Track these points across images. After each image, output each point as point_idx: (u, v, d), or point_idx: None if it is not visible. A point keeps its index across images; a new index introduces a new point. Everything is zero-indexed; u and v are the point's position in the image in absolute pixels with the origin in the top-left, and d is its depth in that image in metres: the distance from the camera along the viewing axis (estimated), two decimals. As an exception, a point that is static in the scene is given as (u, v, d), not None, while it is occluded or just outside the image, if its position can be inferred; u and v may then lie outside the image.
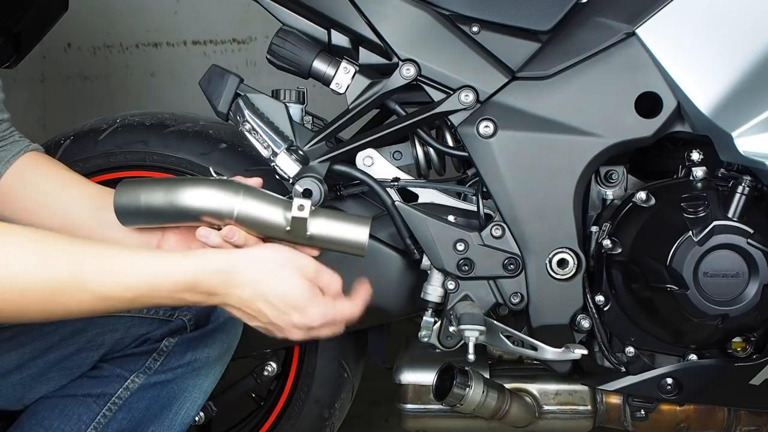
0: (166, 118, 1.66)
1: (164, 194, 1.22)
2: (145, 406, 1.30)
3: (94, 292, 1.06)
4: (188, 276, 1.09)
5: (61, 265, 1.05)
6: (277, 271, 1.13)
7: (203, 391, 1.36)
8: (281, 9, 1.49)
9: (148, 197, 1.22)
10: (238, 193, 1.21)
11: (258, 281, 1.11)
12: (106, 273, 1.06)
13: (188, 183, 1.23)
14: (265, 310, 1.12)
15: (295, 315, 1.12)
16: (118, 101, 3.01)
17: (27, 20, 1.56)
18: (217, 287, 1.10)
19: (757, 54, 1.35)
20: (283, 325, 1.13)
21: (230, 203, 1.21)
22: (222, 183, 1.23)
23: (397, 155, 1.55)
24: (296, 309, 1.12)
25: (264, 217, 1.22)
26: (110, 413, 1.28)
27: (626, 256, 1.42)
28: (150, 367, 1.29)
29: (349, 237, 1.26)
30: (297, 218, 1.21)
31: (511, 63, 1.45)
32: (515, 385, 1.54)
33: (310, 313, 1.12)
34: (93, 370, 1.31)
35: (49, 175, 1.30)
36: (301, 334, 1.14)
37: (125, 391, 1.29)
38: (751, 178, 1.37)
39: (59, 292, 1.04)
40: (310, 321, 1.13)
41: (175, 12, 3.02)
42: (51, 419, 1.28)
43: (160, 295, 1.09)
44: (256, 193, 1.23)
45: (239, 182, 1.24)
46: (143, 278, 1.08)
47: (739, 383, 1.44)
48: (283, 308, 1.12)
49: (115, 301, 1.07)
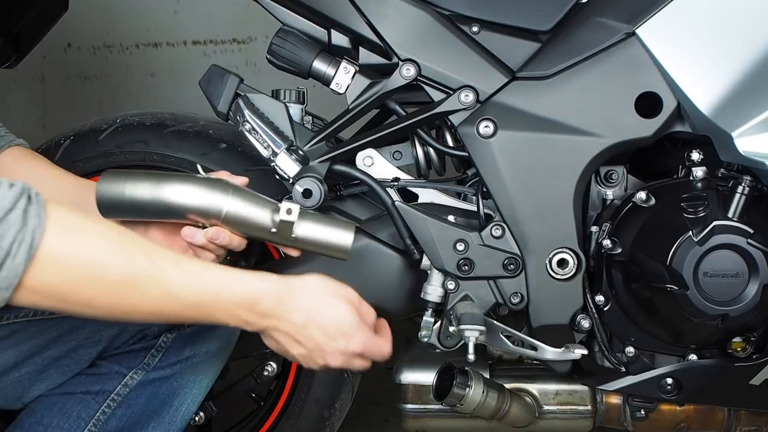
0: (166, 118, 1.66)
1: (150, 189, 1.21)
2: (144, 402, 1.30)
3: (165, 290, 1.06)
4: (253, 292, 1.12)
5: (139, 257, 1.05)
6: (330, 299, 1.18)
7: (203, 387, 1.36)
8: (281, 9, 1.49)
9: (134, 190, 1.20)
10: (227, 193, 1.21)
11: (312, 307, 1.16)
12: (181, 272, 1.08)
13: (176, 179, 1.22)
14: (314, 335, 1.16)
15: (341, 341, 1.17)
16: (118, 101, 3.01)
17: (27, 20, 1.56)
18: (274, 309, 1.14)
19: (757, 54, 1.35)
20: (328, 350, 1.17)
21: (219, 203, 1.20)
22: (211, 182, 1.22)
23: (397, 155, 1.55)
24: (344, 335, 1.17)
25: (251, 218, 1.22)
26: (109, 410, 1.28)
27: (626, 256, 1.42)
28: (149, 363, 1.29)
29: (334, 241, 1.27)
30: (284, 221, 1.21)
31: (511, 63, 1.44)
32: (515, 385, 1.54)
33: (355, 340, 1.18)
34: (91, 368, 1.31)
35: (30, 168, 1.32)
36: (341, 360, 1.19)
37: (124, 388, 1.29)
38: (751, 178, 1.37)
39: (134, 283, 1.04)
40: (354, 347, 1.18)
41: (175, 12, 3.02)
42: (50, 417, 1.28)
43: (220, 307, 1.11)
44: (244, 194, 1.23)
45: (228, 182, 1.24)
46: (212, 285, 1.10)
47: (739, 383, 1.44)
48: (332, 333, 1.17)
49: (181, 303, 1.08)
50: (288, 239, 1.25)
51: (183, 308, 1.09)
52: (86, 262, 1.02)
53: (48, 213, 0.99)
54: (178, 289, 1.07)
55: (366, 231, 1.50)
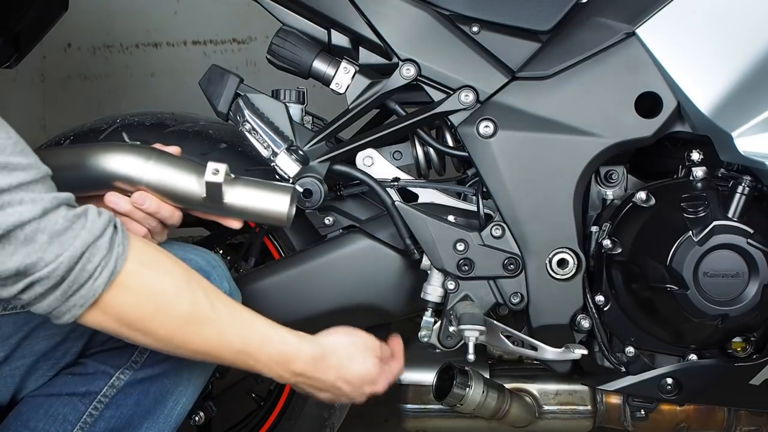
0: (166, 118, 1.66)
1: (73, 160, 1.19)
2: (134, 402, 1.28)
3: (218, 333, 1.15)
4: (290, 350, 1.21)
5: (202, 297, 1.14)
6: (357, 355, 1.28)
7: (197, 385, 1.34)
8: (281, 9, 1.49)
9: (57, 165, 1.16)
10: (150, 157, 1.19)
11: (342, 366, 1.26)
12: (233, 319, 1.17)
13: (97, 148, 1.19)
14: (344, 388, 1.27)
15: (368, 388, 1.30)
16: (118, 101, 3.01)
17: (27, 20, 1.56)
18: (306, 371, 1.23)
19: (758, 54, 1.34)
20: (355, 396, 1.30)
21: (139, 169, 1.18)
22: (132, 148, 1.20)
23: (397, 155, 1.55)
24: (370, 383, 1.30)
25: (177, 184, 1.19)
26: (96, 412, 1.26)
27: (626, 256, 1.42)
28: (136, 361, 1.27)
29: (270, 206, 1.23)
30: (211, 183, 1.18)
31: (511, 63, 1.44)
32: (515, 385, 1.54)
33: (379, 385, 1.32)
34: (77, 367, 1.28)
35: None
36: (364, 399, 1.32)
37: (111, 389, 1.27)
38: (751, 178, 1.37)
39: (193, 320, 1.13)
40: (379, 389, 1.32)
41: (175, 12, 3.02)
42: (36, 420, 1.26)
43: (259, 358, 1.19)
44: (168, 158, 1.19)
45: (151, 147, 1.23)
46: (257, 336, 1.19)
47: (739, 383, 1.44)
48: (358, 385, 1.28)
49: (227, 347, 1.17)
50: (220, 205, 1.21)
51: (227, 352, 1.17)
52: (156, 295, 1.11)
53: (131, 244, 1.09)
54: (229, 332, 1.16)
55: (366, 231, 1.50)
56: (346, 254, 1.50)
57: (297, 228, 1.59)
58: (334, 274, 1.50)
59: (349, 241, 1.50)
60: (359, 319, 1.53)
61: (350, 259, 1.50)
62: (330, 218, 1.52)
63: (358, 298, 1.51)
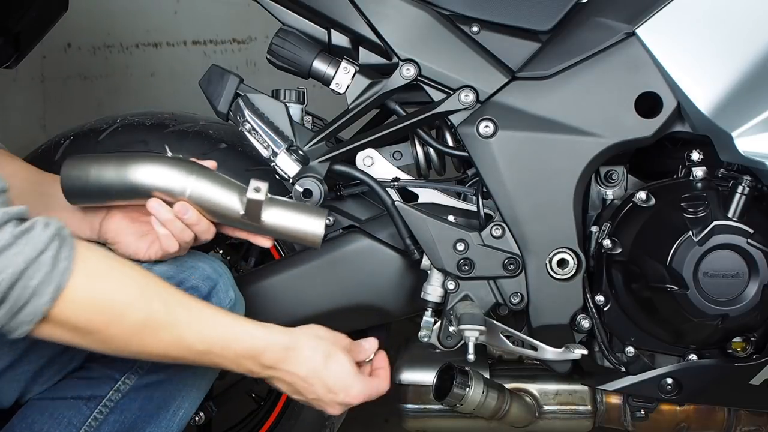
0: (166, 118, 1.66)
1: (115, 169, 1.20)
2: (138, 407, 1.28)
3: (176, 337, 1.13)
4: (259, 344, 1.18)
5: (157, 303, 1.13)
6: (333, 352, 1.22)
7: (201, 390, 1.35)
8: (281, 9, 1.49)
9: (99, 173, 1.19)
10: (192, 172, 1.19)
11: (315, 360, 1.21)
12: (192, 322, 1.15)
13: (140, 159, 1.20)
14: (316, 387, 1.22)
15: (341, 394, 1.23)
16: (118, 101, 3.00)
17: (27, 20, 1.56)
18: (277, 362, 1.19)
19: (758, 54, 1.34)
20: (328, 401, 1.23)
21: (183, 182, 1.19)
22: (175, 161, 1.21)
23: (397, 155, 1.55)
24: (344, 389, 1.23)
25: (218, 200, 1.21)
26: (101, 416, 1.27)
27: (626, 256, 1.42)
28: (141, 366, 1.27)
29: (305, 228, 1.25)
30: (252, 200, 1.20)
31: (511, 63, 1.44)
32: (515, 385, 1.54)
33: (353, 393, 1.23)
34: (82, 371, 1.29)
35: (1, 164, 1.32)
36: (339, 409, 1.25)
37: (116, 393, 1.27)
38: (751, 178, 1.37)
39: (149, 327, 1.12)
40: (353, 400, 1.24)
41: (175, 12, 3.01)
42: (41, 423, 1.26)
43: (225, 356, 1.17)
44: (210, 174, 1.21)
45: (193, 162, 1.23)
46: (221, 336, 1.16)
47: (739, 383, 1.44)
48: (332, 387, 1.22)
49: (187, 351, 1.15)
50: (257, 222, 1.23)
51: (188, 353, 1.15)
52: (106, 306, 1.09)
53: (77, 256, 1.06)
54: (188, 335, 1.14)
55: (366, 231, 1.50)
56: (346, 254, 1.50)
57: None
58: (334, 274, 1.50)
59: (349, 241, 1.50)
60: (359, 319, 1.53)
61: (350, 259, 1.50)
62: (330, 218, 1.52)
63: (358, 298, 1.51)
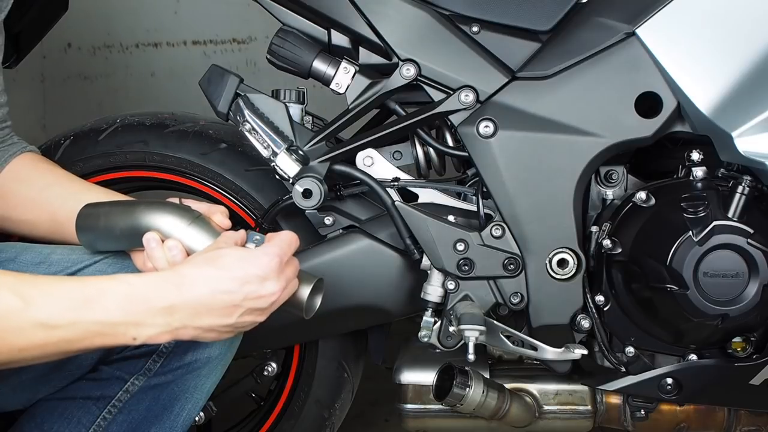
0: (166, 118, 1.66)
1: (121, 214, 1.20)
2: (145, 408, 1.29)
3: (37, 320, 1.01)
4: (141, 286, 1.05)
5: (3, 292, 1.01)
6: (216, 253, 1.09)
7: (205, 392, 1.35)
8: (281, 9, 1.49)
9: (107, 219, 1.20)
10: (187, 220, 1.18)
11: (205, 267, 1.07)
12: (45, 296, 1.02)
13: (144, 205, 1.21)
14: (231, 287, 1.06)
15: (253, 273, 1.07)
16: (118, 101, 3.01)
17: (27, 20, 1.56)
18: (170, 295, 1.05)
19: (757, 54, 1.35)
20: (255, 298, 1.07)
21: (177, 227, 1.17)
22: (177, 208, 1.20)
23: (397, 155, 1.55)
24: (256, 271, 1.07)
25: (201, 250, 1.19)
26: (110, 416, 1.28)
27: (626, 256, 1.42)
28: (150, 368, 1.28)
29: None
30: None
31: (511, 63, 1.45)
32: (515, 385, 1.54)
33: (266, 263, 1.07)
34: (92, 373, 1.30)
35: (40, 172, 1.33)
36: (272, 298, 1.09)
37: (125, 394, 1.28)
38: (751, 178, 1.37)
39: (4, 325, 1.00)
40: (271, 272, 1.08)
41: (175, 12, 3.02)
42: (50, 422, 1.27)
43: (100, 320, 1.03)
44: (203, 226, 1.19)
45: (194, 211, 1.21)
46: (80, 295, 1.03)
47: (739, 383, 1.44)
48: (244, 277, 1.06)
49: (61, 329, 1.02)
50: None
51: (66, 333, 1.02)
52: None
53: None
54: (47, 314, 1.01)
55: (366, 231, 1.50)
56: (346, 254, 1.50)
57: (297, 228, 1.59)
58: (334, 274, 1.49)
59: (349, 241, 1.50)
60: (359, 319, 1.53)
61: (350, 259, 1.50)
62: (330, 218, 1.52)
63: (358, 298, 1.51)
